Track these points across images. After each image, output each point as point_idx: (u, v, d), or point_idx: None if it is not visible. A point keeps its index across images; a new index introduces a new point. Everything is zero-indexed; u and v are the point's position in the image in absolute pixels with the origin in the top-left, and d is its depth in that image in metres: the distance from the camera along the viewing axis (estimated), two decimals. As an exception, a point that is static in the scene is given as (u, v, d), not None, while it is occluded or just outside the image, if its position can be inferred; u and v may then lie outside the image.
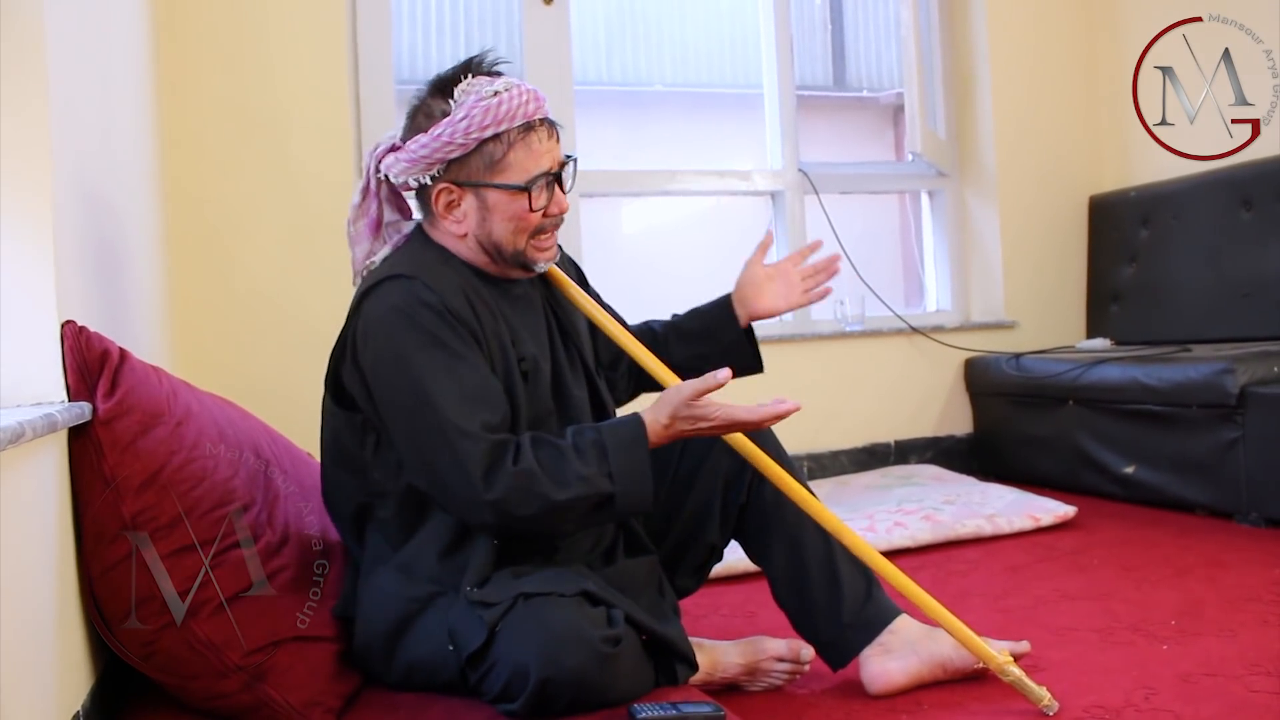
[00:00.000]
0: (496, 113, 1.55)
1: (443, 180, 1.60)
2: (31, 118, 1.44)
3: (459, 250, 1.65)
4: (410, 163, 1.60)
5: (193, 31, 2.96)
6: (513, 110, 1.56)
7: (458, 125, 1.56)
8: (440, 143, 1.57)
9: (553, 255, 1.67)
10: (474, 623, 1.47)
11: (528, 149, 1.58)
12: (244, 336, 2.97)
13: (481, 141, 1.56)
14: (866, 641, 1.67)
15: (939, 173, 3.96)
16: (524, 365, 1.62)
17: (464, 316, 1.56)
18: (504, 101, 1.56)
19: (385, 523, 1.62)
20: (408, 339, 1.52)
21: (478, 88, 1.57)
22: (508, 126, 1.56)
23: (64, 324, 1.48)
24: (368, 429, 1.61)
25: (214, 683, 1.53)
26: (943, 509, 2.82)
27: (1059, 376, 3.28)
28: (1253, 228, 3.28)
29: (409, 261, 1.62)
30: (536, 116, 1.59)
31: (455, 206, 1.62)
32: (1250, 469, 2.69)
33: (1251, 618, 1.93)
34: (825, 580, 1.69)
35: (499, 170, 1.58)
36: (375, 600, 1.60)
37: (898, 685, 1.64)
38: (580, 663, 1.39)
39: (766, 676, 1.69)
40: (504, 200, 1.58)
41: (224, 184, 2.98)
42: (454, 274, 1.61)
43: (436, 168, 1.59)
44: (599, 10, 6.65)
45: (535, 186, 1.58)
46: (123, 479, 1.49)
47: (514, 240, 1.61)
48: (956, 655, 1.65)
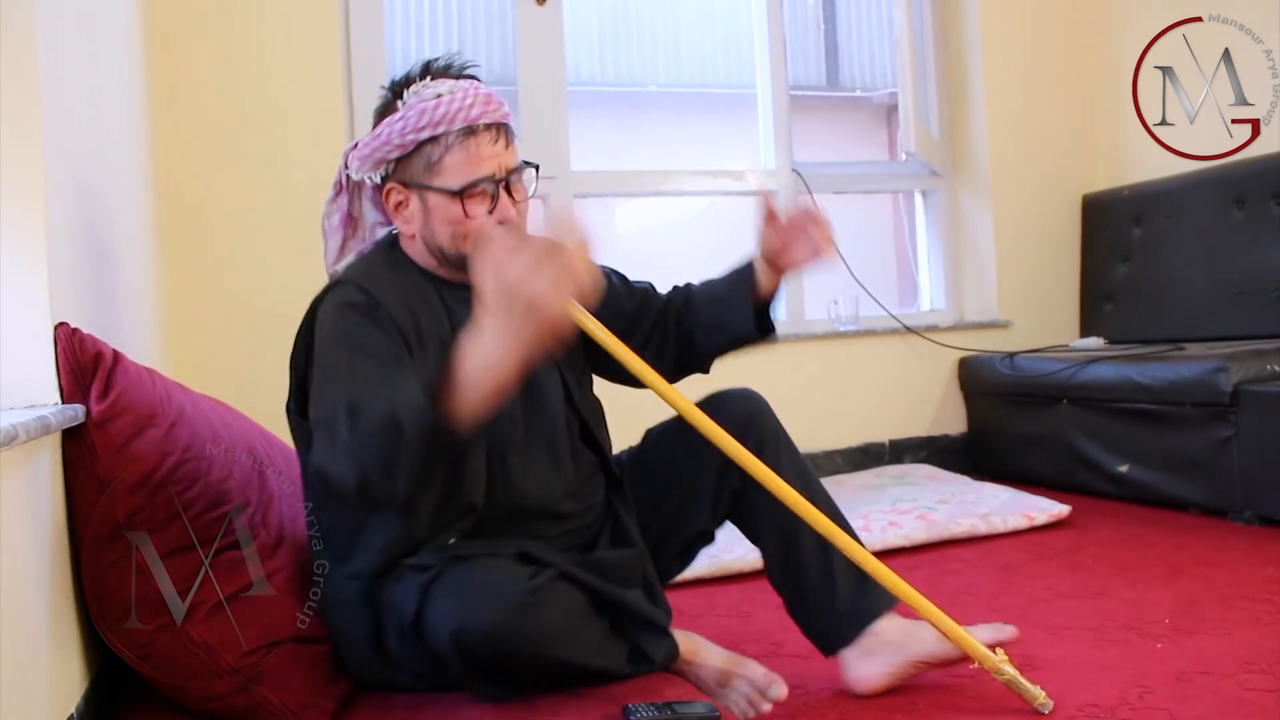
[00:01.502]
0: (433, 115, 1.55)
1: (392, 179, 1.62)
2: (24, 121, 1.44)
3: (414, 253, 1.66)
4: (361, 160, 1.63)
5: (185, 33, 2.95)
6: (451, 114, 1.55)
7: (395, 125, 1.57)
8: (380, 142, 1.59)
9: None
10: (409, 589, 1.48)
11: (465, 153, 1.56)
12: (238, 338, 2.96)
13: (419, 143, 1.57)
14: (857, 632, 1.63)
15: (932, 172, 3.97)
16: None
17: (398, 318, 1.54)
18: (443, 105, 1.55)
19: (328, 531, 1.62)
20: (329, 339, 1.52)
21: (426, 90, 1.58)
22: (445, 129, 1.56)
23: (57, 326, 1.48)
24: (307, 434, 1.60)
25: (210, 684, 1.53)
26: (937, 508, 2.83)
27: (1053, 376, 3.28)
28: (1245, 226, 3.29)
29: (359, 267, 1.65)
30: (481, 121, 1.57)
31: (404, 207, 1.63)
32: (1244, 467, 2.69)
33: (1245, 616, 1.94)
34: (819, 568, 1.66)
35: (436, 173, 1.58)
36: (344, 617, 1.60)
37: (879, 687, 1.62)
38: (496, 616, 1.39)
39: (735, 694, 1.58)
40: (441, 203, 1.58)
41: (217, 185, 2.98)
42: (401, 278, 1.62)
43: (384, 167, 1.61)
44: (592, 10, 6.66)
45: (471, 192, 1.56)
46: (117, 480, 1.49)
47: (454, 244, 1.59)
48: (938, 649, 1.61)
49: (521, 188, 1.63)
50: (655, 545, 1.76)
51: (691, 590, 2.30)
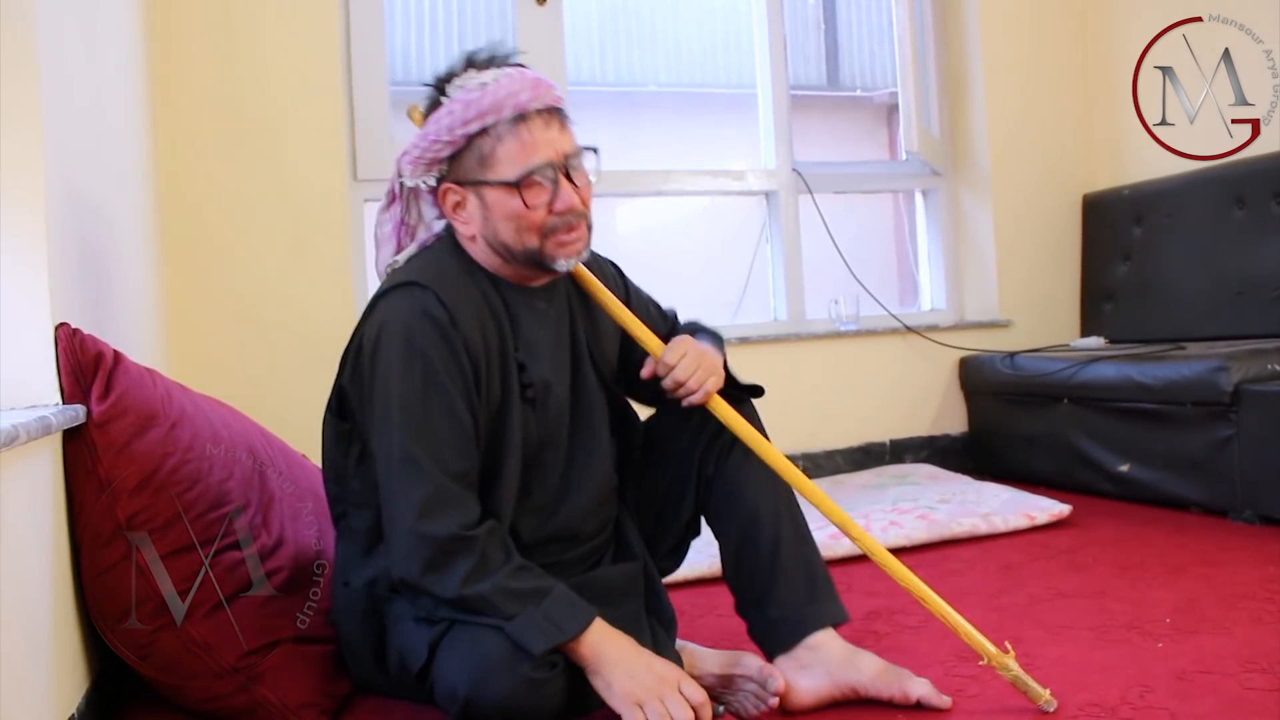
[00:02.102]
0: (480, 105, 1.48)
1: (446, 180, 1.55)
2: (24, 121, 1.44)
3: (476, 254, 1.58)
4: (413, 164, 1.56)
5: (186, 33, 2.95)
6: (499, 101, 1.48)
7: (441, 122, 1.50)
8: (428, 141, 1.52)
9: (576, 252, 1.55)
10: (418, 640, 1.47)
11: (518, 141, 1.48)
12: (238, 338, 2.97)
13: (469, 137, 1.50)
14: (794, 641, 1.60)
15: (933, 172, 3.96)
16: (529, 393, 1.57)
17: (470, 335, 1.50)
18: (489, 93, 1.48)
19: (357, 533, 1.60)
20: (402, 353, 1.47)
21: (467, 81, 1.51)
22: (494, 119, 1.48)
23: (58, 326, 1.48)
24: (353, 439, 1.58)
25: (210, 684, 1.53)
26: (938, 508, 2.83)
27: (1053, 375, 3.28)
28: (1246, 226, 3.29)
29: (431, 267, 1.55)
30: (532, 106, 1.49)
31: (462, 207, 1.55)
32: (1244, 467, 2.69)
33: (1246, 615, 1.94)
34: (767, 571, 1.64)
35: (490, 166, 1.50)
36: (352, 624, 1.60)
37: (803, 704, 1.57)
38: (508, 689, 1.37)
39: (739, 692, 1.59)
40: (500, 197, 1.50)
41: (218, 186, 2.98)
42: (473, 287, 1.55)
43: (437, 168, 1.54)
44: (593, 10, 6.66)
45: (528, 181, 1.49)
46: (118, 481, 1.49)
47: (520, 239, 1.52)
48: (873, 684, 1.57)
49: (582, 172, 1.56)
50: (649, 544, 1.76)
51: (693, 590, 2.30)
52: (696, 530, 1.82)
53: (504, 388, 1.54)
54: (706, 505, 1.74)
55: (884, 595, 2.22)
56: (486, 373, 1.52)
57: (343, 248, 3.10)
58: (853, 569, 2.43)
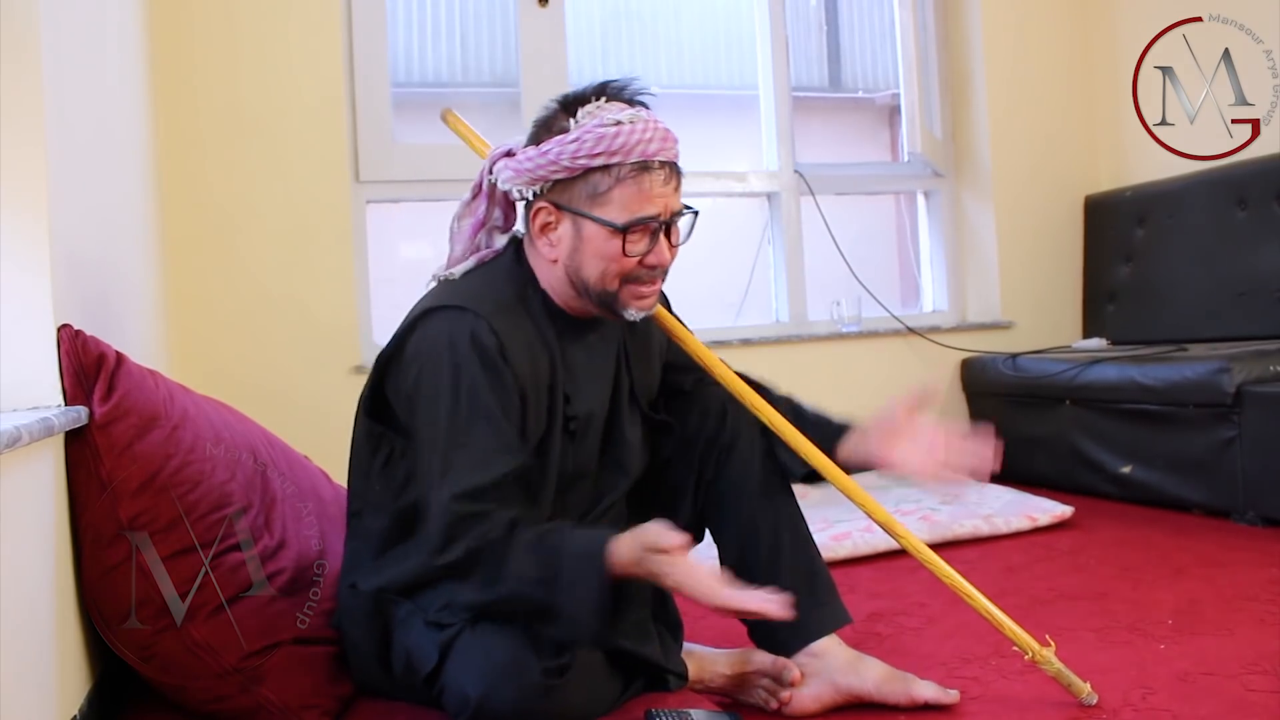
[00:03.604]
0: (611, 143, 1.46)
1: (545, 199, 1.52)
2: (27, 121, 1.45)
3: (546, 278, 1.57)
4: (516, 173, 1.53)
5: (188, 34, 2.96)
6: (629, 145, 1.46)
7: (566, 147, 1.47)
8: (547, 160, 1.49)
9: (648, 306, 1.56)
10: (428, 644, 1.47)
11: (637, 188, 1.47)
12: (241, 340, 2.97)
13: (589, 170, 1.47)
14: (797, 647, 1.61)
15: (935, 173, 3.96)
16: (572, 425, 1.57)
17: (519, 367, 1.48)
18: (622, 133, 1.46)
19: (370, 534, 1.60)
20: (450, 381, 1.46)
21: (603, 113, 1.48)
22: (620, 160, 1.46)
23: (60, 328, 1.48)
24: (383, 442, 1.58)
25: (212, 685, 1.53)
26: (940, 509, 2.82)
27: (1055, 376, 3.28)
28: (1248, 227, 3.28)
29: (486, 292, 1.54)
30: (658, 158, 1.48)
31: (551, 229, 1.53)
32: (1247, 468, 2.69)
33: (1248, 617, 1.94)
34: (768, 575, 1.62)
35: (601, 203, 1.48)
36: (356, 625, 1.60)
37: (807, 712, 1.58)
38: (519, 695, 1.37)
39: (753, 690, 1.62)
40: (599, 236, 1.49)
41: (220, 187, 2.98)
42: (526, 317, 1.54)
43: (541, 184, 1.51)
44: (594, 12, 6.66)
45: (634, 230, 1.48)
46: (120, 482, 1.49)
47: (602, 280, 1.51)
48: (877, 690, 1.58)
49: (677, 232, 1.56)
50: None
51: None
52: (698, 537, 1.82)
53: (549, 419, 1.54)
54: (706, 510, 1.74)
55: (886, 597, 2.23)
56: (535, 404, 1.52)
57: (345, 249, 3.10)
58: (855, 570, 2.43)
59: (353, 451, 1.64)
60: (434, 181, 3.27)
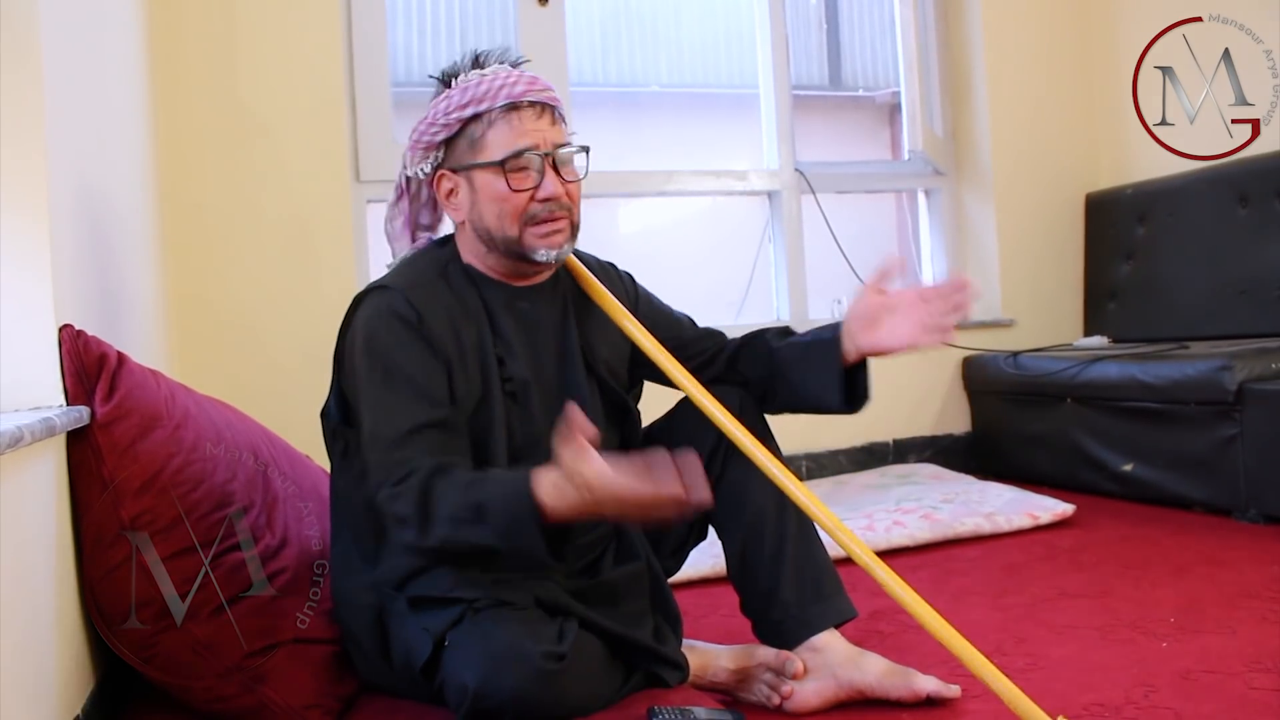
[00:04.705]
0: (476, 91, 1.55)
1: (442, 168, 1.61)
2: (27, 121, 1.45)
3: (465, 246, 1.64)
4: (412, 150, 1.62)
5: (188, 34, 2.96)
6: (494, 90, 1.55)
7: (439, 105, 1.57)
8: (425, 124, 1.59)
9: (556, 244, 1.58)
10: (421, 636, 1.48)
11: (508, 126, 1.55)
12: (241, 339, 2.97)
13: (464, 122, 1.56)
14: (798, 641, 1.62)
15: (935, 171, 3.96)
16: (509, 386, 1.58)
17: (438, 333, 1.53)
18: (486, 82, 1.55)
19: (356, 535, 1.61)
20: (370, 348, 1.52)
21: (469, 75, 1.58)
22: (489, 105, 1.54)
23: (61, 328, 1.48)
24: (337, 435, 1.62)
25: (215, 684, 1.53)
26: (941, 508, 2.82)
27: (1057, 374, 3.28)
28: (1249, 224, 3.28)
29: (405, 270, 1.63)
30: (525, 98, 1.55)
31: (455, 195, 1.61)
32: (1248, 466, 2.69)
33: (1250, 614, 1.94)
34: (771, 570, 1.65)
35: (480, 149, 1.56)
36: (357, 620, 1.60)
37: (809, 706, 1.58)
38: (519, 683, 1.37)
39: (756, 684, 1.62)
40: (487, 181, 1.56)
41: (220, 186, 2.98)
42: (446, 288, 1.59)
43: (433, 154, 1.60)
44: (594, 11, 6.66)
45: (513, 164, 1.54)
46: (121, 482, 1.49)
47: (502, 226, 1.56)
48: (879, 684, 1.58)
49: (571, 168, 1.60)
50: (653, 545, 1.75)
51: (696, 590, 2.29)
52: (702, 535, 1.82)
53: (484, 383, 1.57)
54: (710, 510, 1.73)
55: (887, 595, 2.22)
56: (462, 369, 1.55)
57: (345, 248, 3.10)
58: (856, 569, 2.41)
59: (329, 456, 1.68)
60: (434, 181, 3.27)
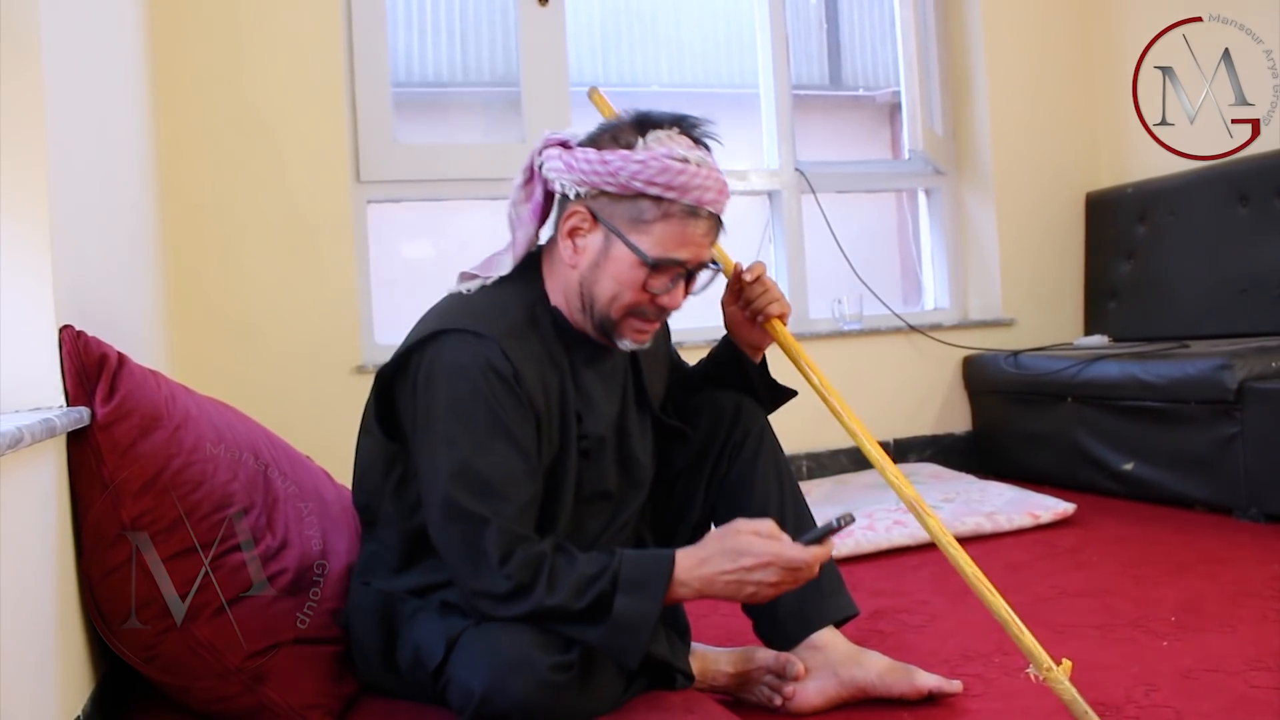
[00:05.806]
0: (674, 177, 1.44)
1: (584, 203, 1.50)
2: (28, 122, 1.44)
3: (558, 286, 1.56)
4: (568, 167, 1.50)
5: (189, 36, 2.96)
6: (689, 185, 1.45)
7: (630, 165, 1.45)
8: (605, 169, 1.47)
9: (643, 342, 1.56)
10: (435, 637, 1.47)
11: (680, 229, 1.47)
12: (241, 340, 2.97)
13: (641, 195, 1.46)
14: (799, 637, 1.63)
15: (936, 171, 3.96)
16: (584, 444, 1.56)
17: (532, 390, 1.47)
18: (687, 172, 1.45)
19: (386, 547, 1.61)
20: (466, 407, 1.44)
21: (673, 144, 1.47)
22: (675, 198, 1.45)
23: (62, 329, 1.48)
24: (397, 461, 1.57)
25: (216, 685, 1.53)
26: (942, 507, 2.82)
27: (1057, 374, 3.28)
28: (1250, 223, 3.28)
29: (495, 314, 1.51)
30: (708, 208, 1.48)
31: (580, 235, 1.51)
32: (1249, 464, 2.69)
33: (1251, 613, 1.94)
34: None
35: (640, 231, 1.47)
36: (362, 623, 1.60)
37: (811, 705, 1.59)
38: (525, 692, 1.36)
39: (757, 687, 1.63)
40: (626, 261, 1.48)
41: (220, 188, 2.98)
42: (537, 340, 1.52)
43: (587, 189, 1.49)
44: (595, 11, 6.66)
45: (661, 268, 1.48)
46: (122, 482, 1.49)
47: (610, 304, 1.51)
48: (880, 682, 1.59)
49: (694, 282, 1.55)
50: (660, 541, 1.76)
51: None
52: (707, 528, 1.82)
53: (562, 439, 1.54)
54: (715, 507, 1.76)
55: (888, 595, 2.23)
56: (548, 426, 1.51)
57: (346, 249, 3.10)
58: (857, 568, 2.43)
59: (362, 466, 1.64)
60: (435, 181, 3.27)
